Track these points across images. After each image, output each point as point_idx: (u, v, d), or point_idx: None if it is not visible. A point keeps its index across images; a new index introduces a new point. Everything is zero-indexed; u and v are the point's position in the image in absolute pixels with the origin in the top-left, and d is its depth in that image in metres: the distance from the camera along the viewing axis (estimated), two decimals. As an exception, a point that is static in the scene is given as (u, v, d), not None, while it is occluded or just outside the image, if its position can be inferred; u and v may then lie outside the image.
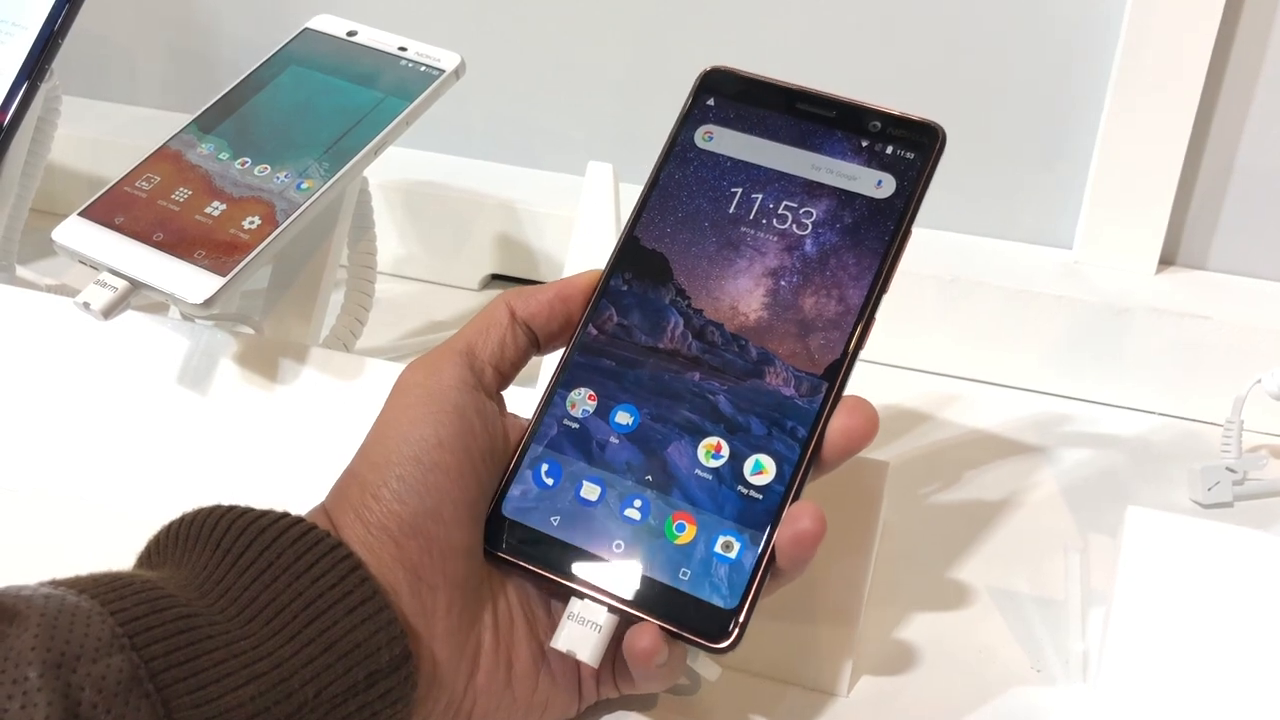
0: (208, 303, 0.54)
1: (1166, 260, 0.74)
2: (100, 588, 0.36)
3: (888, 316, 0.45)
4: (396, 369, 0.58)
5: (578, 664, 0.44)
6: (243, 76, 0.63)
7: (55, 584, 0.36)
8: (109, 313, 0.55)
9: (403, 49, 0.63)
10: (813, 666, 0.49)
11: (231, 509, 0.40)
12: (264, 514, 0.40)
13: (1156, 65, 0.66)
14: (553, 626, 0.43)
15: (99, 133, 0.86)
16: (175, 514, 0.41)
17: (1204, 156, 0.71)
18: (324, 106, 0.61)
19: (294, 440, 0.57)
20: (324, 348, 0.61)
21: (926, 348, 0.73)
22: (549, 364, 0.58)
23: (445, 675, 0.41)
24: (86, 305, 0.54)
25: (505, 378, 0.46)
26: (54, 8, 0.65)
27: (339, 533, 0.41)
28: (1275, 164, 0.70)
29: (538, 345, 0.46)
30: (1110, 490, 0.64)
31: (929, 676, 0.51)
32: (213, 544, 0.39)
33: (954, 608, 0.55)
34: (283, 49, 0.64)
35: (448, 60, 0.63)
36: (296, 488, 0.46)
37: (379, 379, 0.57)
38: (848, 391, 0.43)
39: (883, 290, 0.44)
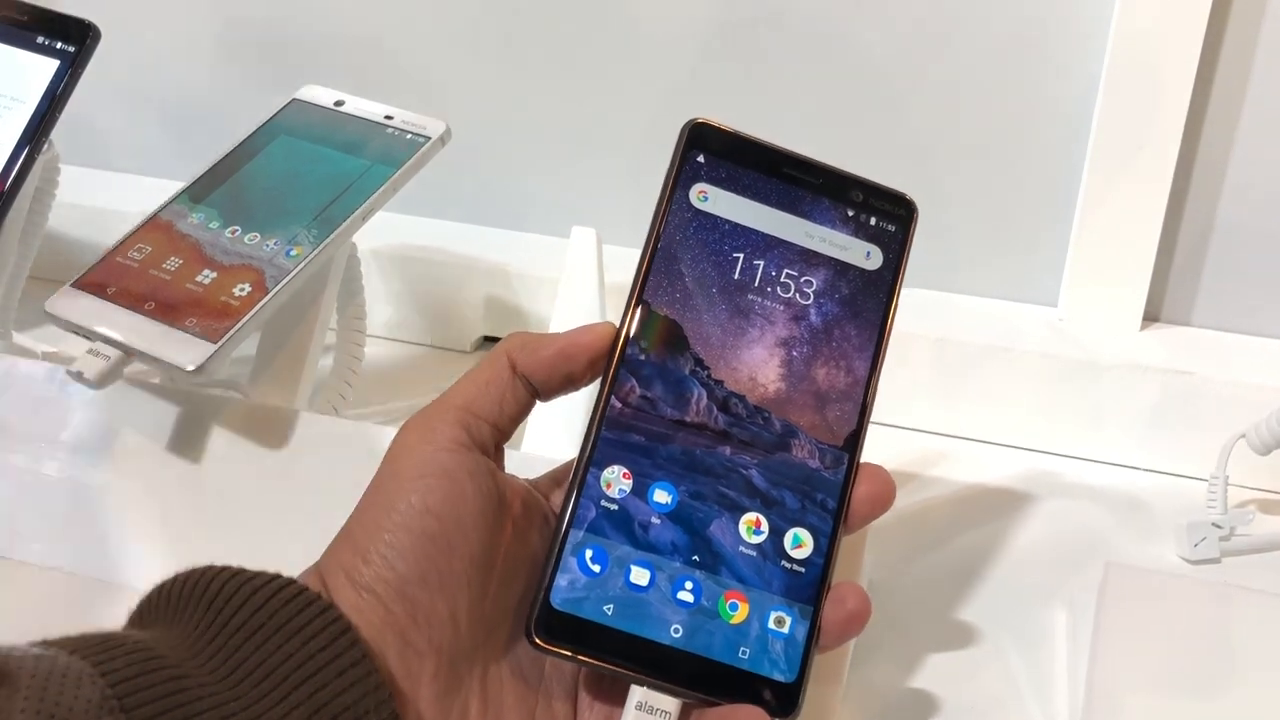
0: (200, 369, 0.55)
1: (1150, 317, 0.74)
2: (91, 648, 0.36)
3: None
4: (386, 432, 0.58)
5: None
6: (233, 146, 0.64)
7: (46, 644, 0.36)
8: (102, 382, 0.55)
9: (389, 118, 0.65)
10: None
11: (224, 569, 0.40)
12: (256, 575, 0.40)
13: (1134, 126, 0.67)
14: (544, 695, 0.43)
15: (99, 202, 0.87)
16: (167, 576, 0.41)
17: (1184, 214, 0.71)
18: (312, 175, 0.62)
19: (283, 504, 0.57)
20: (313, 412, 0.61)
21: (912, 405, 0.73)
22: (568, 437, 0.59)
23: None
24: (80, 375, 0.55)
25: (504, 433, 0.45)
26: (51, 83, 0.66)
27: (330, 594, 0.41)
28: (1255, 221, 0.71)
29: (538, 395, 0.45)
30: (1097, 547, 0.63)
31: (914, 736, 0.51)
32: (204, 604, 0.39)
33: (939, 667, 0.55)
34: (272, 119, 0.65)
35: (433, 128, 0.64)
36: (286, 551, 0.46)
37: (368, 443, 0.57)
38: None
39: (883, 362, 0.46)
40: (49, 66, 0.67)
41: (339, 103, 0.66)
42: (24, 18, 0.68)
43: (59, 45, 0.67)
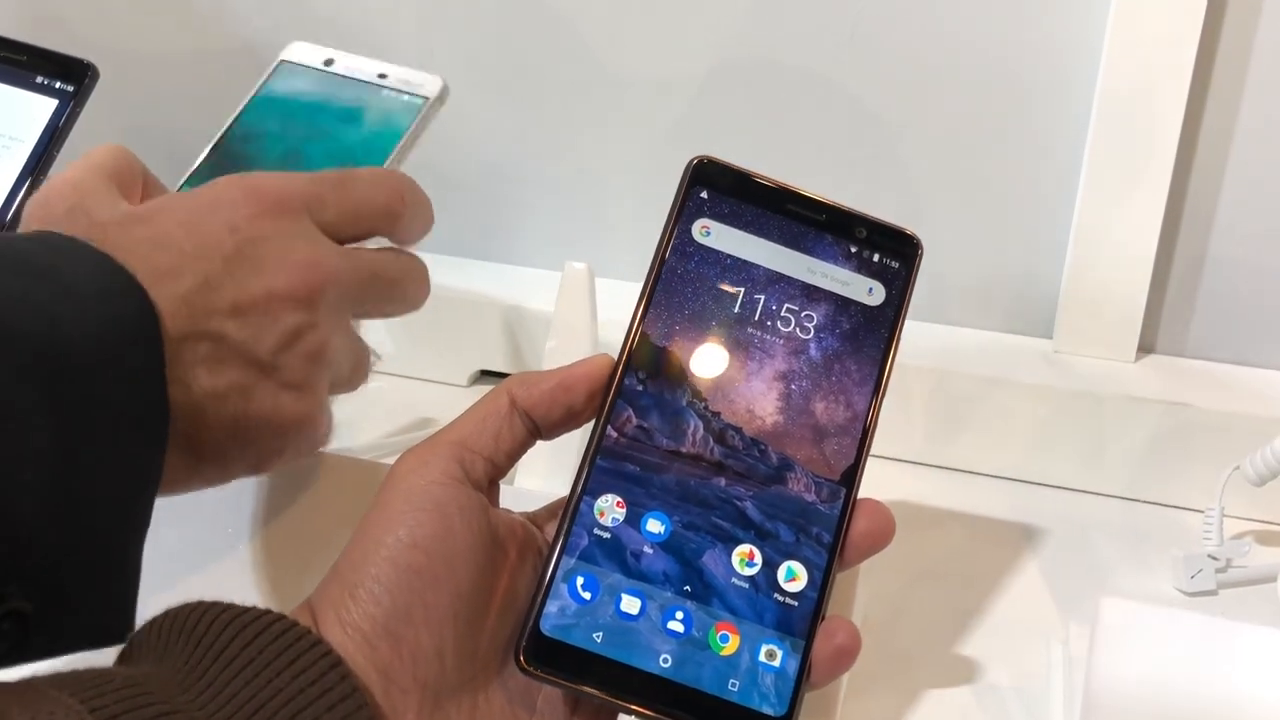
0: None
1: (1145, 348, 0.75)
2: (80, 684, 0.36)
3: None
4: (381, 467, 0.58)
5: None
6: (229, 123, 0.62)
7: (35, 680, 0.36)
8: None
9: (383, 76, 0.62)
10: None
11: (214, 605, 0.40)
12: (246, 610, 0.40)
13: (1126, 161, 0.68)
14: None
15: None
16: (157, 612, 0.41)
17: (1177, 246, 0.72)
18: (313, 153, 0.60)
19: (276, 538, 0.57)
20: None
21: (907, 437, 0.73)
22: (565, 466, 0.58)
23: None
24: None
25: (500, 469, 0.45)
26: (50, 122, 0.67)
27: (320, 629, 0.41)
28: (1247, 252, 0.71)
29: (539, 433, 0.46)
30: (1093, 579, 0.63)
31: (910, 769, 0.51)
32: (194, 639, 0.39)
33: (933, 700, 0.55)
34: (263, 87, 0.63)
35: (430, 85, 0.60)
36: (277, 586, 0.46)
37: (363, 477, 0.57)
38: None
39: (883, 397, 0.46)
40: (48, 106, 0.67)
41: (329, 61, 0.63)
42: (23, 57, 0.68)
43: (58, 85, 0.68)
